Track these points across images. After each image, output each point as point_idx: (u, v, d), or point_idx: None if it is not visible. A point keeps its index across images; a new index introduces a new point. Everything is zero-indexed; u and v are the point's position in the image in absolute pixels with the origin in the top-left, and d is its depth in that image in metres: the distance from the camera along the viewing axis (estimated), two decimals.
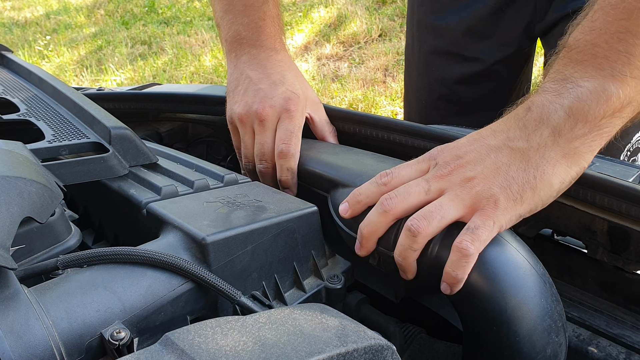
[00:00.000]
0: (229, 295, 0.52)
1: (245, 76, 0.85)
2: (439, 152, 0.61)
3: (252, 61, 0.86)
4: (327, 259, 0.66)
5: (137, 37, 4.77)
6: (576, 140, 0.54)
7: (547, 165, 0.54)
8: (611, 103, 0.52)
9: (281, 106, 0.79)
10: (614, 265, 0.68)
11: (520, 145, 0.56)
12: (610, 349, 0.65)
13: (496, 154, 0.56)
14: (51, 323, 0.45)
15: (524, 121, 0.56)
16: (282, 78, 0.83)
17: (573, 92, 0.54)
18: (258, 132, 0.81)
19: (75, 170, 0.67)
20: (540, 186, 0.55)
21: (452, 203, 0.56)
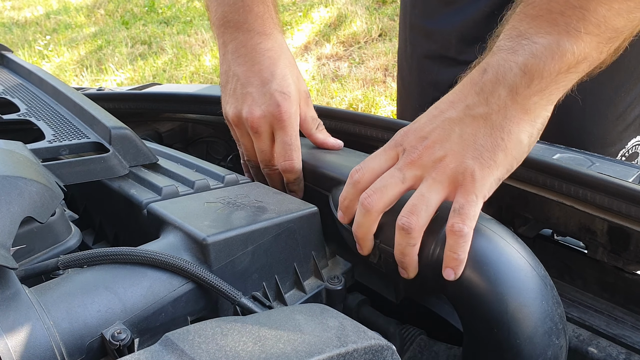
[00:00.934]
0: (230, 295, 0.52)
1: (233, 73, 0.80)
2: (403, 137, 0.60)
3: (239, 52, 0.79)
4: (327, 260, 0.66)
5: (137, 37, 4.77)
6: (534, 96, 0.54)
7: (511, 124, 0.54)
8: (566, 59, 0.52)
9: (272, 114, 0.76)
10: (614, 266, 0.68)
11: (481, 111, 0.55)
12: (610, 349, 0.65)
13: (460, 126, 0.56)
14: (52, 323, 0.45)
15: (481, 85, 0.56)
16: (272, 74, 0.77)
17: (528, 49, 0.53)
18: (255, 139, 0.79)
19: (76, 170, 0.67)
20: (510, 146, 0.55)
21: (432, 188, 0.56)
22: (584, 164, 0.72)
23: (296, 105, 0.77)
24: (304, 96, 0.79)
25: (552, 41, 0.52)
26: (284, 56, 0.78)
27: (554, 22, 0.52)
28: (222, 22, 0.80)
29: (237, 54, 0.79)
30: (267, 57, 0.77)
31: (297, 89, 0.77)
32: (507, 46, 0.55)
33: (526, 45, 0.53)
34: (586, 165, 0.72)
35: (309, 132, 0.80)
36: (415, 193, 0.56)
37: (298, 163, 0.75)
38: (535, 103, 0.54)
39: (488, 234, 0.56)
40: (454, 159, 0.55)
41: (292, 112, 0.76)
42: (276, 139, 0.76)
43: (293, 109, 0.76)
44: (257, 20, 0.78)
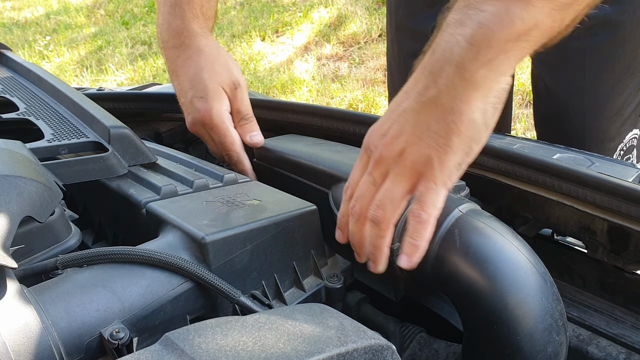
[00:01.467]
0: (229, 294, 0.52)
1: (174, 88, 0.88)
2: (368, 139, 0.59)
3: (169, 68, 0.87)
4: (326, 258, 0.66)
5: (137, 37, 4.77)
6: (482, 68, 0.51)
7: (461, 104, 0.52)
8: (515, 26, 0.49)
9: (198, 120, 0.83)
10: (613, 265, 0.68)
11: (431, 94, 0.53)
12: (610, 349, 0.65)
13: (414, 116, 0.54)
14: (50, 323, 0.45)
15: (430, 66, 0.53)
16: (190, 83, 0.83)
17: (475, 18, 0.50)
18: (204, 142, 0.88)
19: (75, 170, 0.67)
20: (463, 128, 0.53)
21: (395, 182, 0.56)
22: (583, 164, 0.72)
23: (217, 102, 0.82)
24: (231, 88, 0.84)
25: (500, 8, 0.49)
26: (200, 58, 0.84)
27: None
28: (158, 37, 0.89)
29: (170, 70, 0.87)
30: (186, 67, 0.84)
31: (216, 86, 0.82)
32: (454, 20, 0.52)
33: (473, 15, 0.50)
34: (586, 165, 0.72)
35: (237, 126, 0.85)
36: (381, 188, 0.57)
37: (236, 155, 0.83)
38: (484, 76, 0.51)
39: (488, 232, 0.56)
40: (411, 150, 0.54)
41: (214, 111, 0.82)
42: (215, 140, 0.84)
43: (214, 107, 0.82)
44: (175, 36, 0.85)
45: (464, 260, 0.55)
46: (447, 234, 0.57)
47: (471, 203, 0.61)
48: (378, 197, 0.57)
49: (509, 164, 0.70)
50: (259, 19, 4.54)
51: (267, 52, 4.09)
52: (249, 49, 4.15)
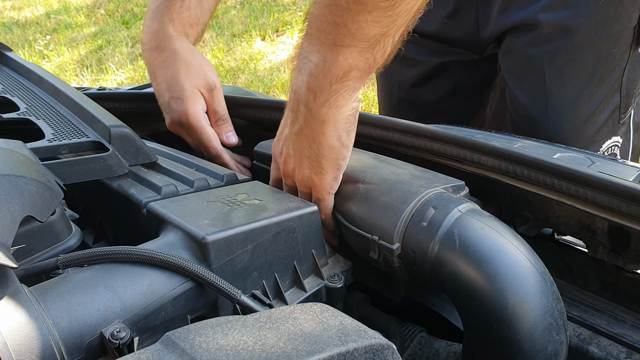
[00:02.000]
0: (229, 294, 0.52)
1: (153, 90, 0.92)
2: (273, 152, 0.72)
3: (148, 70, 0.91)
4: (327, 258, 0.66)
5: (137, 37, 4.77)
6: (322, 107, 0.60)
7: (317, 135, 0.62)
8: (334, 72, 0.57)
9: (176, 121, 0.88)
10: (614, 265, 0.68)
11: (297, 128, 0.64)
12: (611, 349, 0.65)
13: (292, 143, 0.66)
14: (51, 322, 0.45)
15: (291, 104, 0.64)
16: (167, 84, 0.88)
17: (306, 68, 0.59)
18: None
19: (75, 170, 0.67)
20: (326, 153, 0.63)
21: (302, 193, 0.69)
22: (584, 163, 0.72)
23: (192, 102, 0.86)
24: (207, 89, 0.87)
25: (320, 58, 0.58)
26: (176, 61, 0.87)
27: (320, 40, 0.57)
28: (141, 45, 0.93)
29: (149, 72, 0.91)
30: (162, 69, 0.88)
31: (192, 86, 0.86)
32: (297, 66, 0.62)
33: (306, 64, 0.59)
34: (586, 164, 0.72)
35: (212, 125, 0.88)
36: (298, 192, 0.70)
37: (214, 150, 0.88)
38: (327, 113, 0.61)
39: (487, 231, 0.56)
40: (298, 172, 0.67)
41: (190, 111, 0.86)
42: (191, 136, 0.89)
43: (190, 108, 0.86)
44: (152, 39, 0.90)
45: (463, 260, 0.55)
46: (447, 233, 0.57)
47: (470, 203, 0.61)
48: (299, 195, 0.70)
49: (509, 163, 0.70)
50: (259, 18, 4.53)
51: (268, 51, 4.09)
52: (249, 48, 4.15)
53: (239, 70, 3.87)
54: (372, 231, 0.62)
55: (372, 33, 0.56)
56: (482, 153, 0.72)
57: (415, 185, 0.63)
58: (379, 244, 0.61)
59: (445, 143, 0.75)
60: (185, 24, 0.91)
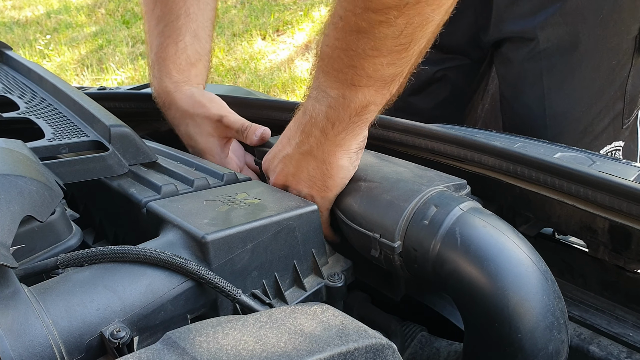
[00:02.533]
0: (229, 293, 0.52)
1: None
2: (264, 165, 0.74)
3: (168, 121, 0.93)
4: (327, 257, 0.66)
5: (137, 36, 4.77)
6: (339, 135, 0.64)
7: (330, 157, 0.66)
8: (353, 107, 0.62)
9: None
10: (615, 264, 0.68)
11: (306, 148, 0.67)
12: (612, 348, 0.65)
13: (294, 163, 0.68)
14: (51, 322, 0.45)
15: (302, 126, 0.67)
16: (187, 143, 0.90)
17: (325, 100, 0.63)
18: None
19: (75, 169, 0.67)
20: (334, 172, 0.67)
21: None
22: (584, 163, 0.72)
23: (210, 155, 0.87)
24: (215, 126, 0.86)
25: (339, 94, 0.61)
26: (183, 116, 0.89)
27: (338, 78, 0.61)
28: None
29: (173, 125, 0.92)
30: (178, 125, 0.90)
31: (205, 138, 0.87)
32: (313, 95, 0.65)
33: (324, 97, 0.63)
34: (587, 164, 0.72)
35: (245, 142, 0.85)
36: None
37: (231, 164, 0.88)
38: (343, 138, 0.65)
39: (489, 230, 0.56)
40: (294, 189, 0.69)
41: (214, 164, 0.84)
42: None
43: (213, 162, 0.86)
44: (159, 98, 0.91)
45: (465, 259, 0.55)
46: (448, 232, 0.57)
47: (472, 201, 0.61)
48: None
49: (510, 163, 0.70)
50: (259, 17, 4.53)
51: (268, 51, 4.09)
52: (249, 48, 4.14)
53: (240, 70, 3.87)
54: (373, 229, 0.62)
55: (388, 73, 0.59)
56: (482, 152, 0.72)
57: (417, 183, 0.63)
58: (380, 241, 0.61)
59: (446, 142, 0.75)
60: (184, 68, 0.90)
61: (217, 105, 0.88)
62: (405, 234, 0.60)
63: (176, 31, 0.89)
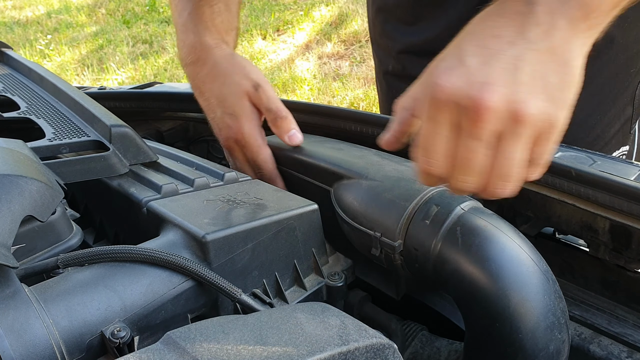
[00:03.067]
0: (230, 293, 0.52)
1: (201, 105, 0.86)
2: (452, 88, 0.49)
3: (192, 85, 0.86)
4: (327, 257, 0.66)
5: (138, 36, 4.77)
6: (590, 29, 0.49)
7: (575, 58, 0.50)
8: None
9: (231, 138, 0.82)
10: (615, 264, 0.68)
11: (546, 44, 0.48)
12: (612, 348, 0.65)
13: (528, 65, 0.48)
14: (51, 321, 0.45)
15: (534, 17, 0.48)
16: (216, 99, 0.82)
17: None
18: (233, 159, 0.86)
19: (76, 169, 0.67)
20: (574, 82, 0.50)
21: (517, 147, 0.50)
22: (585, 162, 0.72)
23: (246, 118, 0.80)
24: (251, 91, 0.80)
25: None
26: (219, 73, 0.82)
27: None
28: (179, 60, 0.88)
29: (194, 87, 0.85)
30: (207, 83, 0.83)
31: (242, 101, 0.80)
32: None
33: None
34: (588, 163, 0.71)
35: (270, 125, 0.81)
36: (499, 156, 0.49)
37: (269, 174, 0.80)
38: (590, 37, 0.50)
39: (490, 229, 0.56)
40: (532, 105, 0.47)
41: (245, 128, 0.80)
42: (246, 155, 0.82)
43: (245, 125, 0.80)
44: (190, 53, 0.84)
45: (466, 258, 0.55)
46: (449, 232, 0.57)
47: (473, 201, 0.61)
48: (502, 169, 0.49)
49: None
50: (260, 17, 4.53)
51: (269, 50, 4.09)
52: (250, 47, 4.15)
53: None
54: (374, 228, 0.62)
55: None
56: None
57: (418, 182, 0.63)
58: (380, 240, 0.61)
59: None
60: (221, 30, 0.86)
61: (256, 71, 0.83)
62: (406, 233, 0.60)
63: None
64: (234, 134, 0.81)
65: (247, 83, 0.81)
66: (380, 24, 1.19)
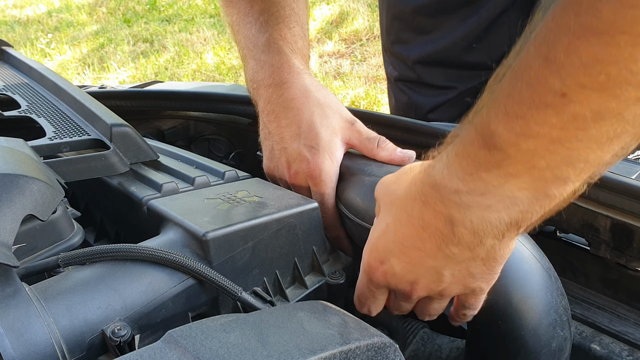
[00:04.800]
0: (230, 291, 0.52)
1: (268, 131, 0.77)
2: (386, 277, 0.55)
3: (266, 109, 0.76)
4: (328, 255, 0.66)
5: (139, 35, 4.77)
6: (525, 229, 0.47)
7: (502, 252, 0.49)
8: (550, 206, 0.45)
9: (304, 172, 0.72)
10: (616, 263, 0.68)
11: (467, 255, 0.49)
12: (613, 346, 0.65)
13: (448, 269, 0.51)
14: (52, 320, 0.45)
15: (455, 238, 0.48)
16: (298, 128, 0.72)
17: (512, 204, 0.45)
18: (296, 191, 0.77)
19: (77, 168, 0.67)
20: (502, 260, 0.51)
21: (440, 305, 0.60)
22: None
23: (329, 155, 0.72)
24: (345, 126, 0.73)
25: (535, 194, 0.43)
26: (309, 101, 0.73)
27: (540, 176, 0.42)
28: (249, 80, 0.79)
29: (266, 112, 0.76)
30: (291, 109, 0.73)
31: (330, 135, 0.72)
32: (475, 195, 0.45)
33: (511, 202, 0.44)
34: None
35: (371, 154, 0.73)
36: (422, 307, 0.59)
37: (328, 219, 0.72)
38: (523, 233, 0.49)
39: None
40: (454, 289, 0.53)
41: (326, 165, 0.71)
42: (312, 193, 0.73)
43: (326, 162, 0.71)
44: (274, 73, 0.75)
45: None
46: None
47: None
48: (424, 311, 0.60)
49: None
50: None
51: None
52: None
53: (241, 69, 3.86)
54: None
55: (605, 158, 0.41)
56: None
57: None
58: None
59: None
60: (304, 54, 0.78)
61: (348, 112, 0.76)
62: None
63: (286, 19, 0.78)
64: (310, 169, 0.71)
65: (343, 117, 0.74)
66: (395, 33, 1.19)
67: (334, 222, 0.71)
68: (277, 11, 0.77)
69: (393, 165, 0.68)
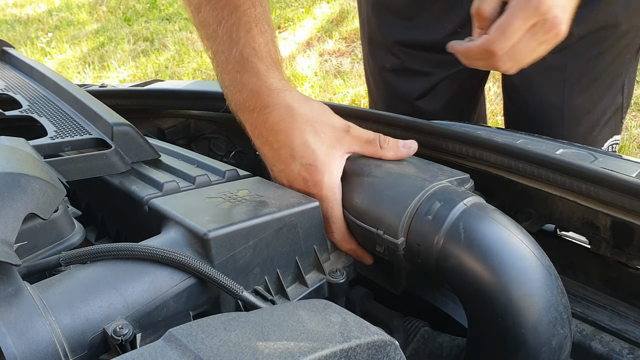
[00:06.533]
0: (231, 290, 0.52)
1: (262, 153, 0.74)
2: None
3: (254, 133, 0.73)
4: (329, 254, 0.66)
5: (139, 34, 4.77)
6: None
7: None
8: None
9: (307, 192, 0.71)
10: (617, 261, 0.68)
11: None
12: (614, 344, 0.65)
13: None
14: (54, 319, 0.45)
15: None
16: (291, 150, 0.70)
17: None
18: None
19: (78, 167, 0.67)
20: None
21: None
22: (586, 159, 0.72)
23: (328, 170, 0.70)
24: (341, 136, 0.71)
25: None
26: (296, 120, 0.70)
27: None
28: (229, 99, 0.75)
29: (255, 136, 0.73)
30: (280, 132, 0.70)
31: (325, 147, 0.70)
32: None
33: None
34: (589, 160, 0.71)
35: (376, 155, 0.72)
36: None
37: (338, 234, 0.70)
38: None
39: (492, 225, 0.56)
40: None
41: (325, 181, 0.69)
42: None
43: (325, 177, 0.69)
44: (253, 97, 0.71)
45: (468, 254, 0.55)
46: (452, 227, 0.57)
47: (476, 196, 0.61)
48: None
49: (512, 159, 0.70)
50: None
51: None
52: None
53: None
54: (376, 225, 0.62)
55: None
56: (484, 149, 0.72)
57: (420, 178, 0.63)
58: (383, 238, 0.61)
59: (448, 139, 0.75)
60: (278, 63, 0.73)
61: (338, 118, 0.73)
62: (408, 230, 0.60)
63: (259, 23, 0.72)
64: (310, 188, 0.70)
65: (335, 128, 0.71)
66: (376, 20, 1.19)
67: (345, 235, 0.69)
68: (245, 10, 0.71)
69: (391, 164, 0.69)
